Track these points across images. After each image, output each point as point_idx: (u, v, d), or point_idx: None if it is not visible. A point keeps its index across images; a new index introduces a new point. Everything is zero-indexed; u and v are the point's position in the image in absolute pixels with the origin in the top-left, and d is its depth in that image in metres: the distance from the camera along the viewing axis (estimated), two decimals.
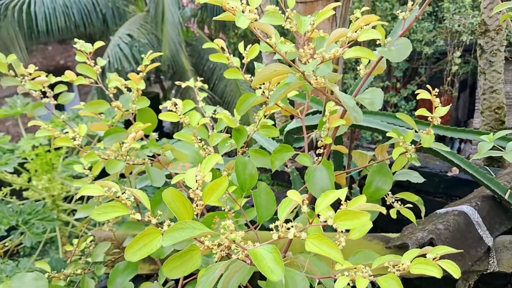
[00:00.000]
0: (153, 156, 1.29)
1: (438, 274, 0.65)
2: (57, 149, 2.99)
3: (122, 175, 2.14)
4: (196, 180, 0.76)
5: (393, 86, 3.98)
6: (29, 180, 2.76)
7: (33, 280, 1.18)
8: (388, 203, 1.14)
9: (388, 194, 1.14)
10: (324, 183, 1.01)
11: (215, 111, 1.34)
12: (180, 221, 0.60)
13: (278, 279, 0.55)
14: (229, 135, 1.22)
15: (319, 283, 0.83)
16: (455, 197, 1.92)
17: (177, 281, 1.42)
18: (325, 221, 0.60)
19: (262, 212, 1.03)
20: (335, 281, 1.58)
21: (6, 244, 2.71)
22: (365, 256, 0.83)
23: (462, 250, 1.35)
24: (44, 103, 1.31)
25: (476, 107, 3.97)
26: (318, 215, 0.64)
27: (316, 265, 0.97)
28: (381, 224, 1.60)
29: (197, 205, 0.75)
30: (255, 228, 1.11)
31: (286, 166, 1.68)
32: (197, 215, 0.75)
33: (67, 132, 1.12)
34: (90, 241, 1.53)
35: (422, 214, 1.15)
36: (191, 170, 0.80)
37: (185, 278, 1.30)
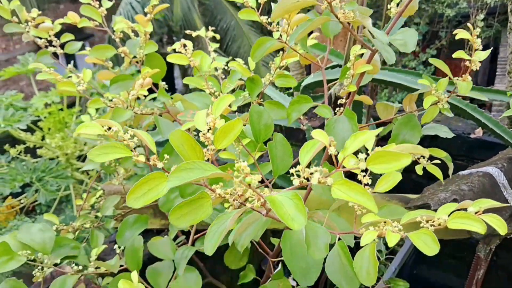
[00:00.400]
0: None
1: (481, 230, 0.56)
2: (69, 107, 2.93)
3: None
4: (207, 123, 0.67)
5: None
6: (43, 138, 2.72)
7: (40, 232, 1.12)
8: (413, 159, 1.04)
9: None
10: (346, 135, 0.92)
11: (227, 63, 1.24)
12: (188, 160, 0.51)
13: (300, 227, 0.47)
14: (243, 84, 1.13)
15: (339, 239, 0.75)
16: (477, 159, 1.81)
17: (187, 236, 1.36)
18: (355, 165, 0.51)
19: (277, 164, 0.95)
20: (384, 240, 1.50)
21: (22, 201, 2.70)
22: (391, 211, 0.74)
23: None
24: (49, 51, 1.22)
25: (497, 73, 3.79)
26: (343, 166, 0.55)
27: (335, 221, 0.88)
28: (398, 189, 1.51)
29: (208, 150, 0.66)
30: (269, 183, 1.03)
31: (302, 123, 1.58)
32: (207, 161, 0.67)
33: (70, 77, 1.03)
34: (100, 196, 1.47)
35: (450, 172, 1.05)
36: (201, 111, 0.71)
37: (195, 233, 1.23)
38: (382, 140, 1.65)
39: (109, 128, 0.63)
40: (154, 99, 1.36)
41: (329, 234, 0.63)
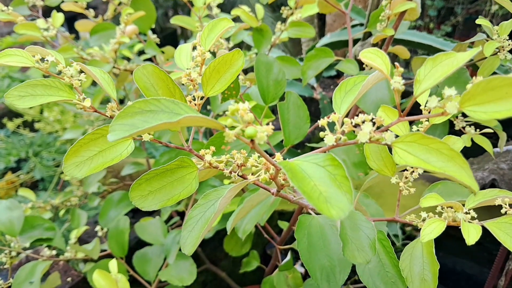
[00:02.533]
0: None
1: None
2: None
3: (121, 102, 1.83)
4: (193, 58, 0.44)
5: (425, 26, 3.52)
6: (41, 111, 2.53)
7: (7, 209, 0.91)
8: (457, 128, 0.81)
9: (457, 116, 0.81)
10: (380, 94, 0.69)
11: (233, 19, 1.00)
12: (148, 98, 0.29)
13: (341, 216, 0.25)
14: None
15: None
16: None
17: (183, 217, 1.15)
18: (441, 106, 0.28)
19: (290, 131, 0.72)
20: (400, 225, 1.25)
21: (21, 176, 2.51)
22: (448, 190, 0.52)
23: None
24: (27, 2, 0.99)
25: None
26: (409, 114, 0.32)
27: (363, 203, 0.66)
28: None
29: (193, 98, 0.44)
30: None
31: (315, 89, 1.35)
32: None
33: (33, 19, 0.80)
34: None
35: (501, 143, 0.82)
36: (186, 44, 0.48)
37: None
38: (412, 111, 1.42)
39: (43, 59, 0.40)
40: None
41: (373, 226, 0.41)
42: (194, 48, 0.45)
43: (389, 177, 0.51)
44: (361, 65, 0.90)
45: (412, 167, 0.50)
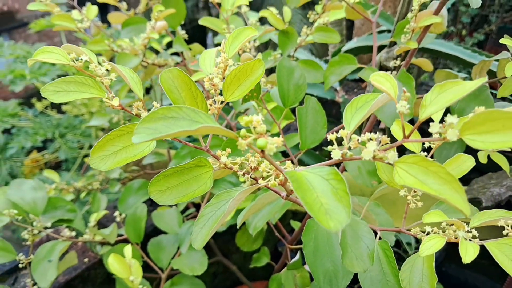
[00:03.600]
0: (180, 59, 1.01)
1: None
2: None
3: (147, 91, 1.88)
4: (216, 64, 0.47)
5: (457, 33, 3.45)
6: None
7: (32, 189, 0.96)
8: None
9: None
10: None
11: (260, 19, 1.02)
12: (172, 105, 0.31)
13: (338, 228, 0.27)
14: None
15: (379, 238, 0.55)
16: None
17: (198, 208, 1.19)
18: (440, 132, 0.30)
19: (306, 135, 0.74)
20: (416, 237, 1.25)
21: (46, 156, 2.60)
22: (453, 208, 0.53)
23: None
24: None
25: None
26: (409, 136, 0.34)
27: (374, 211, 0.68)
28: None
29: (214, 102, 0.46)
30: (296, 157, 0.83)
31: (337, 92, 1.36)
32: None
33: (68, 11, 0.84)
34: None
35: None
36: (210, 50, 0.50)
37: None
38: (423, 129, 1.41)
39: (78, 59, 0.43)
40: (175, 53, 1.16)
41: (373, 235, 0.43)
42: (219, 55, 0.48)
43: (395, 187, 0.53)
44: (385, 71, 0.91)
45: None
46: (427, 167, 0.30)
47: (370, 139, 0.32)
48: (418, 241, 1.65)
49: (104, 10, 1.06)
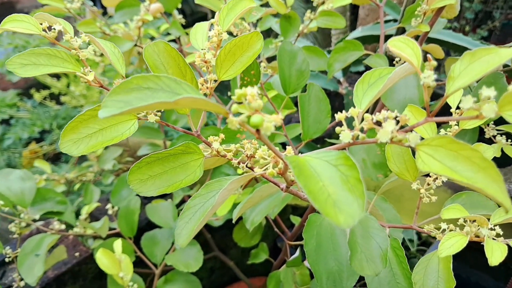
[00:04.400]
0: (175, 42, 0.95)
1: None
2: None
3: None
4: (208, 37, 0.41)
5: (461, 28, 3.39)
6: (68, 85, 2.55)
7: (20, 180, 0.90)
8: (487, 136, 0.76)
9: (488, 124, 0.76)
10: (409, 93, 0.64)
11: (262, 6, 0.97)
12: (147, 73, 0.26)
13: (351, 224, 0.21)
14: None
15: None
16: None
17: None
18: (474, 108, 0.24)
19: (309, 125, 0.68)
20: (418, 234, 1.20)
21: (44, 147, 2.56)
22: (472, 202, 0.48)
23: None
24: None
25: None
26: (438, 113, 0.29)
27: (381, 207, 0.62)
28: None
29: (205, 81, 0.41)
30: (297, 149, 0.77)
31: (340, 84, 1.30)
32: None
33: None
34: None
35: None
36: (202, 23, 0.45)
37: None
38: (442, 114, 1.36)
39: (50, 28, 0.38)
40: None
41: (386, 234, 0.37)
42: (212, 28, 0.42)
43: (410, 181, 0.47)
44: (391, 61, 0.85)
45: (436, 173, 0.46)
46: (457, 150, 0.24)
47: (387, 117, 0.26)
48: (421, 238, 1.60)
49: None
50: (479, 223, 0.37)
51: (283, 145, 1.08)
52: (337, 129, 0.28)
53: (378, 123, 0.28)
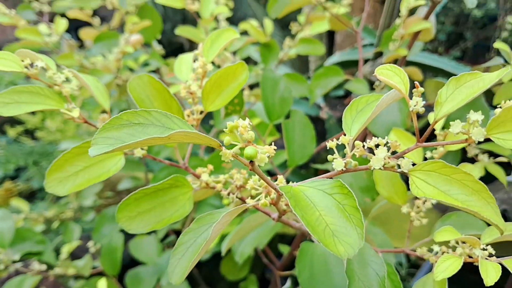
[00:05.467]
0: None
1: None
2: None
3: None
4: (194, 70, 0.42)
5: (434, 50, 3.49)
6: (43, 120, 2.52)
7: None
8: (470, 155, 0.78)
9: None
10: (391, 117, 0.66)
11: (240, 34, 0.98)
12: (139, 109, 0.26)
13: (351, 254, 0.21)
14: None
15: None
16: None
17: (178, 234, 1.11)
18: (463, 133, 0.25)
19: (294, 151, 0.69)
20: (407, 256, 1.20)
21: (19, 185, 2.49)
22: (462, 222, 0.48)
23: None
24: (33, 7, 0.98)
25: None
26: (428, 139, 0.29)
27: (371, 231, 0.62)
28: None
29: (192, 113, 0.41)
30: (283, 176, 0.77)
31: (321, 108, 1.32)
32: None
33: (36, 23, 0.78)
34: None
35: None
36: (186, 55, 0.45)
37: None
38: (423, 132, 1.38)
39: (32, 65, 0.38)
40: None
41: (381, 259, 0.37)
42: (196, 59, 0.43)
43: (399, 205, 0.48)
44: (371, 85, 0.87)
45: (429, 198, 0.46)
46: (450, 174, 0.25)
47: (378, 144, 0.27)
48: (410, 260, 1.60)
49: (77, 28, 1.01)
50: (471, 244, 0.38)
51: (269, 173, 1.08)
52: (329, 157, 0.29)
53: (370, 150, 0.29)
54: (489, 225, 0.52)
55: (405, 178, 0.57)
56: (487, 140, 0.79)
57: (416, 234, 0.76)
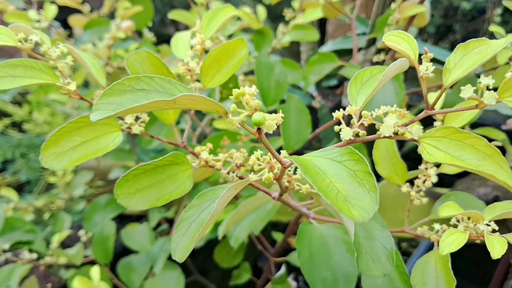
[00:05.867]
0: None
1: None
2: None
3: None
4: (192, 46, 0.41)
5: (424, 42, 3.51)
6: (31, 112, 2.48)
7: None
8: None
9: (464, 127, 0.78)
10: (387, 99, 0.65)
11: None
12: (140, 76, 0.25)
13: (366, 218, 0.21)
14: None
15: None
16: None
17: (172, 224, 1.11)
18: (473, 97, 0.25)
19: (290, 136, 0.68)
20: (396, 240, 1.21)
21: (7, 177, 2.45)
22: (462, 202, 0.48)
23: None
24: None
25: None
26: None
27: None
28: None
29: (190, 89, 0.40)
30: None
31: (314, 98, 1.31)
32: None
33: (24, 9, 0.77)
34: (72, 171, 1.20)
35: (508, 157, 0.79)
36: (184, 32, 0.44)
37: None
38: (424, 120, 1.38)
39: (26, 39, 0.36)
40: None
41: (387, 233, 0.37)
42: (194, 37, 0.42)
43: (389, 190, 0.48)
44: None
45: (424, 175, 0.46)
46: (462, 140, 0.24)
47: (389, 111, 0.26)
48: (401, 248, 1.61)
49: (66, 19, 0.98)
50: (475, 219, 0.38)
51: None
52: (336, 127, 0.28)
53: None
54: (487, 204, 0.52)
55: (404, 156, 0.57)
56: (480, 125, 0.80)
57: (411, 220, 0.76)
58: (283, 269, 0.84)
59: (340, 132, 0.27)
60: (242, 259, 0.98)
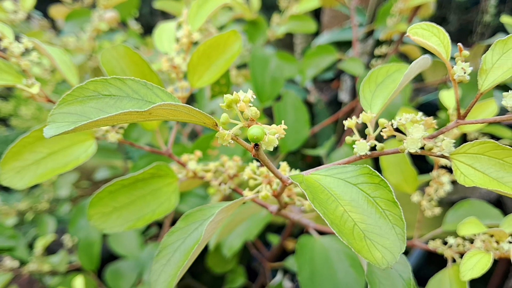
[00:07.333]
0: None
1: None
2: None
3: None
4: (177, 39, 0.36)
5: None
6: (17, 107, 2.41)
7: None
8: (469, 138, 0.74)
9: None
10: (394, 99, 0.61)
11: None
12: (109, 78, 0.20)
13: (390, 263, 0.16)
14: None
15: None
16: None
17: (161, 225, 1.06)
18: None
19: (287, 136, 0.64)
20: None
21: None
22: (476, 211, 0.44)
23: None
24: None
25: None
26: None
27: None
28: None
29: (175, 90, 0.35)
30: (274, 163, 0.72)
31: (308, 92, 1.27)
32: None
33: None
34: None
35: None
36: (167, 23, 0.39)
37: (172, 223, 0.92)
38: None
39: None
40: None
41: (406, 259, 0.33)
42: (180, 28, 0.37)
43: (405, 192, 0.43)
44: (366, 64, 0.82)
45: (436, 183, 0.42)
46: (503, 158, 0.20)
47: (413, 120, 0.22)
48: None
49: (47, 6, 0.93)
50: (498, 238, 0.33)
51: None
52: (348, 138, 0.23)
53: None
54: (490, 204, 0.48)
55: (413, 162, 0.52)
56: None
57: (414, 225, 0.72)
58: (279, 276, 0.80)
59: (354, 146, 0.23)
60: (236, 263, 0.94)
